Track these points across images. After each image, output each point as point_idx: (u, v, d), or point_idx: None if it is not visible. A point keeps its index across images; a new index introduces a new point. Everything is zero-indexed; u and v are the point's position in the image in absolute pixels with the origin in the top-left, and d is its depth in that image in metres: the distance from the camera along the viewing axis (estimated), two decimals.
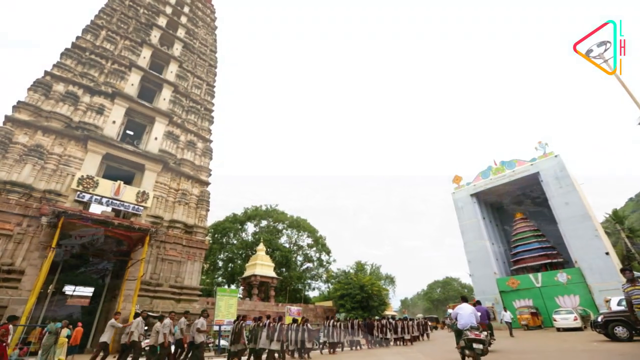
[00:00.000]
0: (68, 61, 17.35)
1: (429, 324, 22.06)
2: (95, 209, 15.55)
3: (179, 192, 18.67)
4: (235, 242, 41.54)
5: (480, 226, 31.30)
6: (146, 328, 9.80)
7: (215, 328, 15.60)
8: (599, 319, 11.14)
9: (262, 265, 29.43)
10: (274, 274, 30.32)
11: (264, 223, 43.45)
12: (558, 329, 18.63)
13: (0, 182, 13.13)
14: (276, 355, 10.30)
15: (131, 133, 20.62)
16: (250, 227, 43.43)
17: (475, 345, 6.83)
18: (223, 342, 14.63)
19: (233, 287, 37.32)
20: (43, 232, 12.96)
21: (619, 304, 11.84)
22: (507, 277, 28.24)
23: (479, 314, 8.55)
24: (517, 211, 33.05)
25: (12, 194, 13.19)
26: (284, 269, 39.37)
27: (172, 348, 9.42)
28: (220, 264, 40.66)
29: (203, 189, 20.09)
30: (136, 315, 9.76)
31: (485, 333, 7.87)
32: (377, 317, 21.65)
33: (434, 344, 15.84)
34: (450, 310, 30.58)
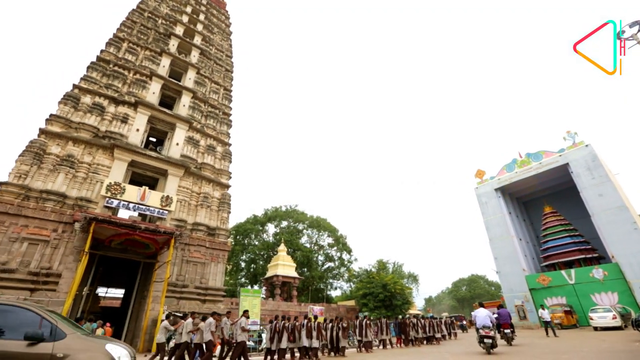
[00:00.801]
0: (94, 74, 18.18)
1: (455, 322, 21.57)
2: (123, 214, 16.24)
3: (200, 195, 19.15)
4: (256, 243, 42.22)
5: (506, 221, 30.16)
6: (173, 329, 10.10)
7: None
8: None
9: (283, 266, 29.72)
10: (295, 274, 30.55)
11: (284, 224, 43.91)
12: (595, 328, 17.67)
13: (36, 191, 13.95)
14: (319, 353, 11.10)
15: (154, 140, 21.35)
16: (271, 228, 44.04)
17: (485, 340, 9.59)
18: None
19: (256, 287, 37.91)
20: (77, 237, 13.64)
21: None
22: (537, 274, 27.07)
23: (495, 316, 10.84)
24: (546, 205, 31.60)
25: (48, 202, 13.98)
26: (305, 269, 39.60)
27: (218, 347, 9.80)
28: (243, 265, 41.44)
29: (224, 192, 20.51)
30: (183, 316, 10.14)
31: (507, 330, 11.41)
32: (406, 316, 21.54)
33: (461, 343, 15.43)
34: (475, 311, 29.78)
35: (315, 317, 12.51)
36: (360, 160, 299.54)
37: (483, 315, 10.15)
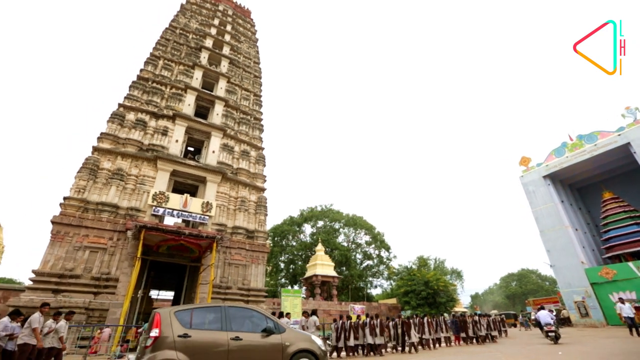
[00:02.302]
0: (135, 92, 19.53)
1: (506, 320, 20.37)
2: (168, 221, 17.26)
3: (238, 199, 19.82)
4: (294, 244, 42.89)
5: (558, 211, 27.72)
6: None
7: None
8: None
9: (322, 265, 29.88)
10: (334, 273, 30.58)
11: (320, 223, 44.16)
12: None
13: (93, 204, 15.28)
14: (383, 349, 11.71)
15: (192, 149, 22.47)
16: (308, 228, 44.49)
17: (549, 334, 12.22)
18: None
19: (296, 287, 38.49)
20: (129, 244, 14.74)
21: None
22: (599, 267, 24.59)
23: (552, 315, 13.74)
24: (604, 190, 28.61)
25: (103, 213, 15.26)
26: (344, 268, 39.52)
27: None
28: (282, 265, 42.29)
29: (260, 195, 21.05)
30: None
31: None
32: (459, 313, 20.96)
33: (516, 342, 14.48)
34: (529, 307, 27.86)
35: (358, 317, 12.58)
36: (395, 156, 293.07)
37: (545, 315, 12.98)
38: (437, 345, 13.68)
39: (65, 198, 14.80)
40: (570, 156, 28.07)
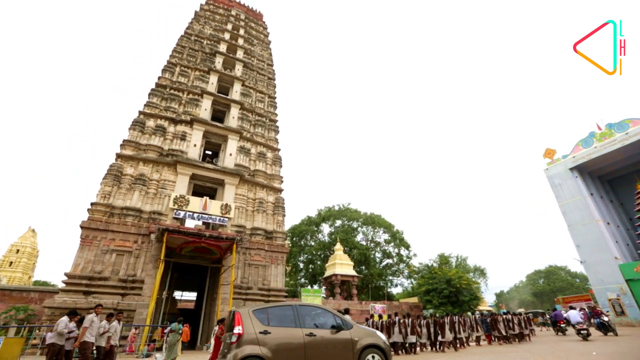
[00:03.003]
0: (154, 99, 20.10)
1: (534, 319, 19.69)
2: (189, 223, 17.65)
3: (256, 201, 20.04)
4: (312, 243, 42.91)
5: (588, 204, 26.36)
6: None
7: None
8: None
9: (341, 265, 29.75)
10: (354, 272, 30.37)
11: (338, 223, 43.97)
12: None
13: (118, 208, 15.84)
14: (418, 348, 12.10)
15: (209, 153, 22.91)
16: (326, 228, 44.39)
17: (581, 332, 12.80)
18: None
19: (315, 287, 38.54)
20: (153, 247, 15.19)
21: None
22: (635, 262, 23.20)
23: (582, 314, 14.87)
24: (638, 182, 26.97)
25: (128, 217, 15.80)
26: (363, 267, 39.21)
27: None
28: (301, 265, 42.40)
29: (277, 196, 21.20)
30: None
31: (562, 325, 16.29)
32: (484, 312, 20.49)
33: (545, 341, 13.89)
34: (559, 306, 26.69)
35: (380, 316, 12.55)
36: (414, 152, 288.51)
37: (575, 314, 14.03)
38: (466, 344, 13.50)
39: (92, 204, 15.42)
40: (599, 146, 26.64)
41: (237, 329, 5.19)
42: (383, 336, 6.29)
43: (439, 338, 12.40)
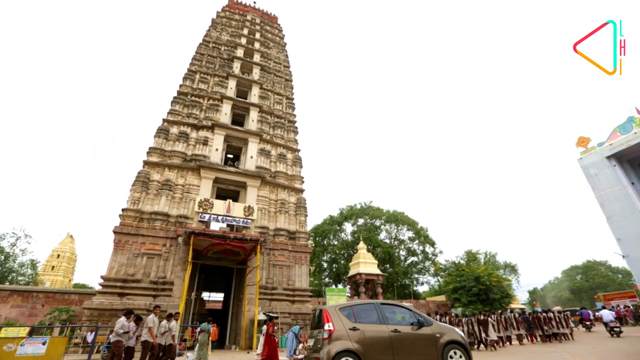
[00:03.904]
0: (177, 107, 20.76)
1: (572, 317, 18.82)
2: (214, 226, 18.08)
3: (278, 202, 20.22)
4: (335, 243, 42.80)
5: (629, 194, 24.31)
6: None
7: None
8: None
9: (365, 263, 29.45)
10: (378, 271, 29.99)
11: (360, 221, 43.63)
12: None
13: (147, 213, 16.48)
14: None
15: (231, 156, 23.37)
16: (348, 227, 44.15)
17: (614, 329, 13.89)
18: None
19: (340, 286, 38.40)
20: (181, 250, 15.68)
21: None
22: None
23: (614, 313, 15.81)
24: None
25: (156, 222, 16.40)
26: (387, 265, 38.67)
27: None
28: (325, 265, 42.40)
29: (299, 197, 21.30)
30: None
31: (588, 323, 17.78)
32: (518, 311, 19.91)
33: (586, 341, 13.11)
34: (599, 303, 25.24)
35: (466, 314, 12.63)
36: (437, 148, 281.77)
37: (607, 314, 15.02)
38: (507, 343, 13.28)
39: (123, 209, 16.14)
40: (639, 132, 24.77)
41: (328, 326, 5.48)
42: (461, 332, 6.40)
43: (483, 336, 12.34)
